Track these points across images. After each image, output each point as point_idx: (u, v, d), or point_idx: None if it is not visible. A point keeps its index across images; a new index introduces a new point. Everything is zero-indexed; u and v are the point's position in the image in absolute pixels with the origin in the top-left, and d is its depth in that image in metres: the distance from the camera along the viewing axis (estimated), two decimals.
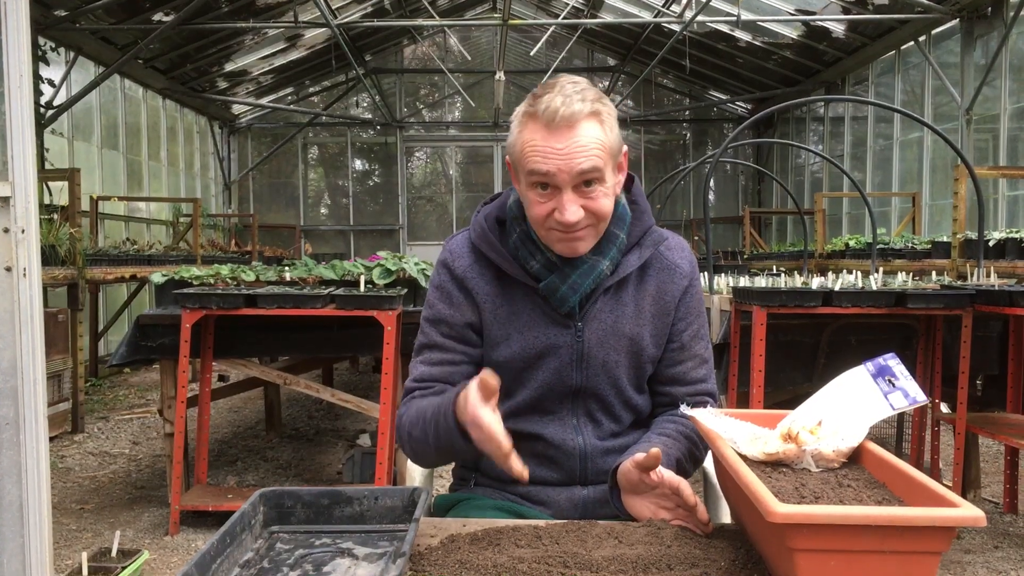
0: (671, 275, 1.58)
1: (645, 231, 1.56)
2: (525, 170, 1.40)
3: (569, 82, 1.40)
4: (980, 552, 3.54)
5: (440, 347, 1.56)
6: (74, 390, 5.83)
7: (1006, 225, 7.77)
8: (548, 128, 1.36)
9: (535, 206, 1.42)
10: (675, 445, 1.47)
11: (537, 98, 1.39)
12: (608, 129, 1.40)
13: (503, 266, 1.53)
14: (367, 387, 7.52)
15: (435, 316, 1.57)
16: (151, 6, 9.16)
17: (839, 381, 1.32)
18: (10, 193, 2.03)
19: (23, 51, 2.03)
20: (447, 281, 1.57)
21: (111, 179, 10.25)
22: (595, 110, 1.38)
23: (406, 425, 1.51)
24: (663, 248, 1.59)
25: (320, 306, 3.61)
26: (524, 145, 1.39)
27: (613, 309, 1.54)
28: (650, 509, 1.33)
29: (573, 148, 1.36)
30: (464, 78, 14.91)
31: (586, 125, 1.37)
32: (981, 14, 8.33)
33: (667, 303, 1.57)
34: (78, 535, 3.83)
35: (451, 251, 1.59)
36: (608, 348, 1.53)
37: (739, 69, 12.98)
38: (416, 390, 1.55)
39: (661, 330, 1.57)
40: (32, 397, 2.09)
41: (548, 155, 1.36)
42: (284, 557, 1.15)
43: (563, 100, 1.35)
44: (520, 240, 1.52)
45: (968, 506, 0.96)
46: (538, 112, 1.37)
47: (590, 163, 1.36)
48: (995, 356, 4.19)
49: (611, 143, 1.40)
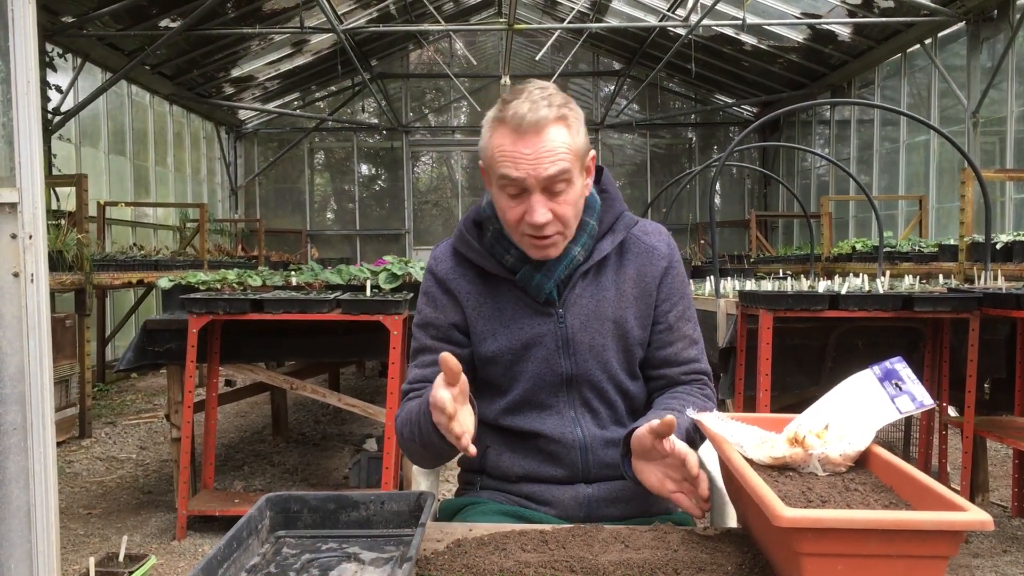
0: (649, 257, 1.61)
1: (616, 217, 1.60)
2: (496, 175, 1.44)
3: (537, 87, 1.45)
4: (988, 556, 3.53)
5: (430, 349, 1.61)
6: (81, 395, 5.84)
7: (1013, 228, 7.74)
8: (516, 133, 1.40)
9: (507, 211, 1.46)
10: (683, 418, 1.48)
11: (506, 104, 1.43)
12: (575, 133, 1.44)
13: (482, 263, 1.58)
14: (373, 391, 7.52)
15: (423, 320, 1.64)
16: (158, 12, 9.21)
17: (846, 385, 1.32)
18: (17, 199, 2.04)
19: (30, 57, 2.04)
20: (432, 285, 1.63)
21: (118, 185, 10.30)
22: (561, 115, 1.42)
23: (399, 427, 1.55)
24: (638, 232, 1.63)
25: (326, 311, 3.61)
26: (494, 150, 1.43)
27: (594, 294, 1.58)
28: (657, 478, 1.36)
29: (541, 153, 1.39)
30: (470, 83, 14.94)
31: (553, 130, 1.41)
32: (987, 17, 8.30)
33: (648, 284, 1.61)
34: (85, 540, 3.83)
35: (435, 257, 1.66)
36: (593, 332, 1.56)
37: (745, 73, 12.97)
38: (410, 391, 1.60)
39: (645, 312, 1.60)
40: (39, 402, 2.10)
41: (518, 160, 1.40)
42: (291, 562, 1.15)
43: (530, 106, 1.39)
44: (495, 237, 1.57)
45: (976, 510, 0.95)
46: (506, 118, 1.41)
47: (557, 167, 1.40)
48: (1003, 359, 4.17)
49: (578, 146, 1.44)
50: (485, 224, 1.59)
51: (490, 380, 1.61)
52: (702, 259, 11.57)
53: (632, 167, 15.43)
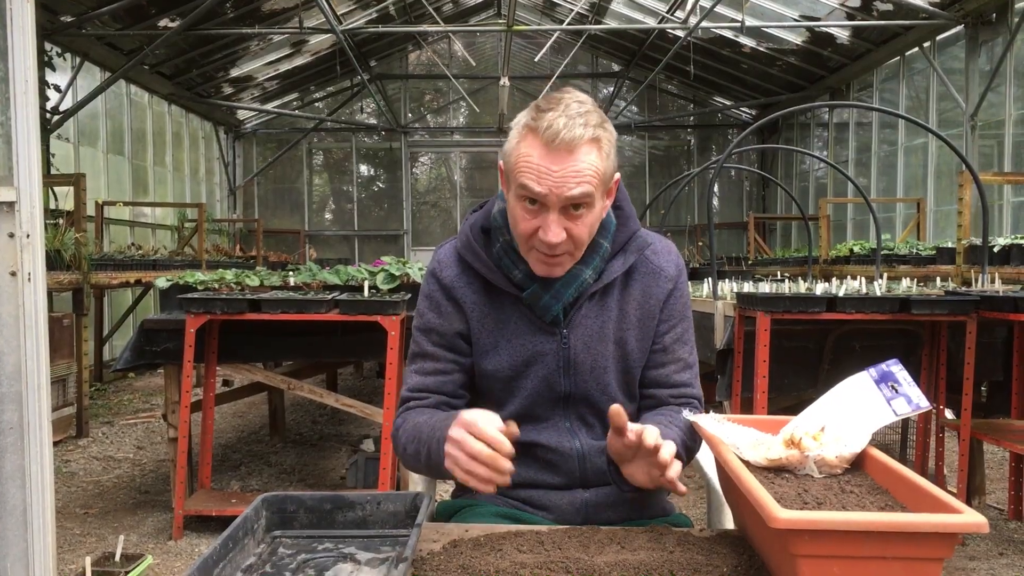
0: (656, 279, 1.59)
1: (629, 237, 1.57)
2: (517, 183, 1.40)
3: (575, 100, 1.39)
4: (984, 559, 3.53)
5: (432, 356, 1.58)
6: (79, 395, 5.83)
7: (1011, 231, 7.75)
8: (547, 148, 1.36)
9: (521, 221, 1.42)
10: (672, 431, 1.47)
11: (540, 112, 1.38)
12: (605, 155, 1.40)
13: (487, 276, 1.54)
14: (371, 392, 7.52)
15: (425, 325, 1.60)
16: (157, 12, 9.20)
17: (842, 387, 1.32)
18: (15, 198, 2.03)
19: (29, 56, 2.04)
20: (436, 291, 1.59)
21: (116, 184, 10.29)
22: (595, 136, 1.38)
23: (402, 439, 1.52)
24: (648, 252, 1.60)
25: (324, 311, 3.61)
26: (520, 158, 1.39)
27: (598, 315, 1.55)
28: (643, 472, 1.35)
29: (568, 172, 1.36)
30: (469, 84, 14.93)
31: (584, 151, 1.37)
32: (986, 20, 8.32)
33: (651, 307, 1.58)
34: (82, 539, 3.83)
35: (439, 260, 1.61)
36: (595, 354, 1.54)
37: (743, 75, 12.98)
38: (411, 399, 1.58)
39: (646, 334, 1.58)
40: (36, 402, 2.10)
41: (542, 175, 1.36)
42: (287, 562, 1.15)
43: (566, 122, 1.35)
44: (503, 250, 1.53)
45: (971, 512, 0.95)
46: (539, 129, 1.36)
47: (581, 190, 1.37)
48: (1000, 362, 4.17)
49: (605, 170, 1.40)
50: (494, 234, 1.55)
51: (487, 393, 1.59)
52: (700, 261, 11.58)
53: (631, 169, 15.43)
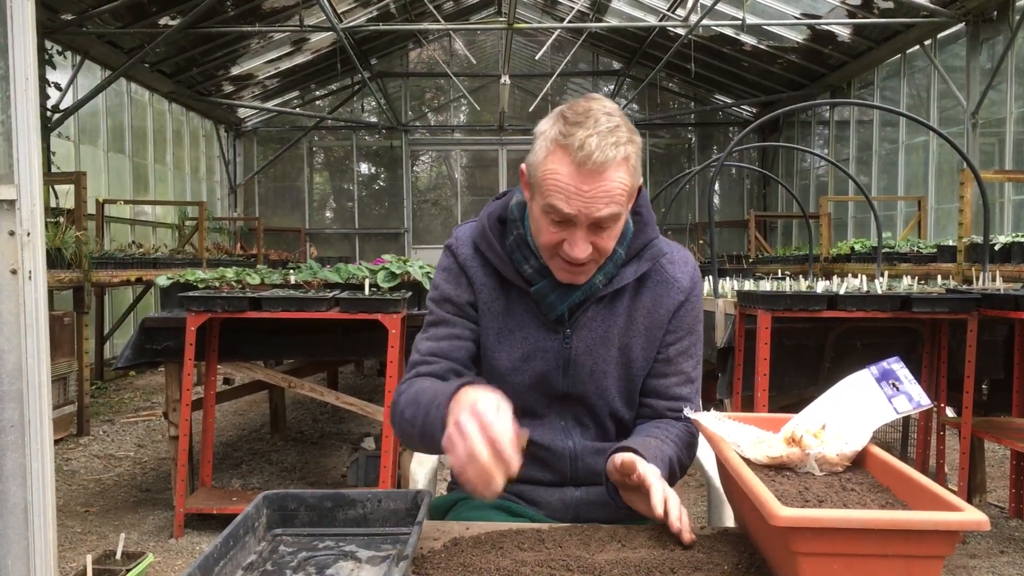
0: (668, 288, 1.57)
1: (646, 244, 1.55)
2: (544, 199, 1.37)
3: (604, 113, 1.35)
4: (986, 557, 3.53)
5: (446, 323, 1.57)
6: (79, 393, 5.84)
7: (1012, 229, 7.74)
8: (576, 167, 1.33)
9: (546, 233, 1.41)
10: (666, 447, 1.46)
11: (570, 127, 1.34)
12: (633, 170, 1.38)
13: (498, 266, 1.54)
14: (372, 390, 7.52)
15: (441, 296, 1.59)
16: (157, 10, 9.20)
17: (843, 385, 1.32)
18: (16, 196, 2.03)
19: (29, 54, 2.04)
20: (452, 264, 1.59)
21: (117, 182, 10.29)
22: (626, 155, 1.35)
23: (402, 403, 1.48)
24: (664, 261, 1.58)
25: (324, 309, 3.61)
26: (548, 175, 1.36)
27: (605, 319, 1.54)
28: (645, 504, 1.33)
29: (598, 193, 1.33)
30: (469, 82, 14.92)
31: (614, 171, 1.34)
32: (987, 18, 8.31)
33: (660, 317, 1.56)
34: (83, 538, 3.83)
35: (457, 237, 1.62)
36: (596, 357, 1.54)
37: (744, 73, 12.97)
38: (421, 363, 1.55)
39: (652, 343, 1.57)
40: (37, 400, 2.10)
41: (571, 196, 1.34)
42: (287, 560, 1.15)
43: (598, 143, 1.31)
44: (516, 243, 1.52)
45: (972, 510, 0.95)
46: (570, 148, 1.33)
47: (611, 211, 1.35)
48: (1001, 360, 4.17)
49: (632, 184, 1.39)
50: (510, 226, 1.54)
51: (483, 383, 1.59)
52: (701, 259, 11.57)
53: None
